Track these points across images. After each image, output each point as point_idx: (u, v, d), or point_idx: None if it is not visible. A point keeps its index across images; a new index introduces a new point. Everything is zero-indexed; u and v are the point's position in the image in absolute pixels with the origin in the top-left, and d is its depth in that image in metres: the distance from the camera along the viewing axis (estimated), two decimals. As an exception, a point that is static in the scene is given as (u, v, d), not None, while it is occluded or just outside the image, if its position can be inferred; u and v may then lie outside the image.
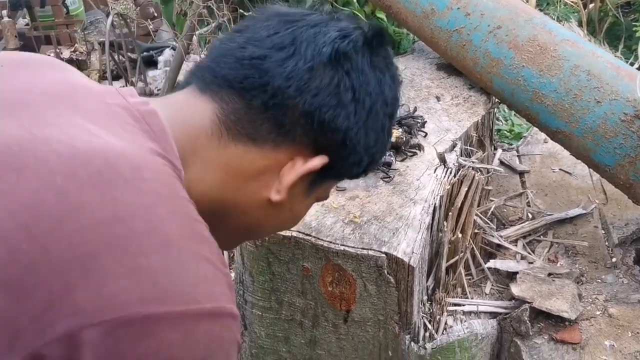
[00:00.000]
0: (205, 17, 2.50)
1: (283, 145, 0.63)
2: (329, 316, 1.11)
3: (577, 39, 1.37)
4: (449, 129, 1.42)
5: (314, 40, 0.62)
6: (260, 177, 0.64)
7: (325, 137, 0.64)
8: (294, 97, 0.61)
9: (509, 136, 2.76)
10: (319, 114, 0.62)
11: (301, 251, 1.07)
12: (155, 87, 4.04)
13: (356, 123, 0.65)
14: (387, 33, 0.69)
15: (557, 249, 1.33)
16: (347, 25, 0.65)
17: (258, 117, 0.62)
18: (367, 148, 0.68)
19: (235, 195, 0.65)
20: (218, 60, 0.64)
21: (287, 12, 0.68)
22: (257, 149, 0.63)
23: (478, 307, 1.15)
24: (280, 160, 0.64)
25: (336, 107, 0.63)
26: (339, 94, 0.63)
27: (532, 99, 1.36)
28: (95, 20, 4.02)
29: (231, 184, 0.64)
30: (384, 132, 0.69)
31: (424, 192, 1.17)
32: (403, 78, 0.75)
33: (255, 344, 1.23)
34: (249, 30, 0.66)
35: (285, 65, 0.61)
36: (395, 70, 0.70)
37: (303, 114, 0.62)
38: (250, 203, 0.66)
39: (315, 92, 0.62)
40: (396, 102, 0.71)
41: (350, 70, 0.63)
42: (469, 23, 1.51)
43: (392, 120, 0.71)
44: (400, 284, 1.02)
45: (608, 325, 1.10)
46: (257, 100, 0.61)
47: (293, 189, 0.66)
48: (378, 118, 0.67)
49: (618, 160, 1.21)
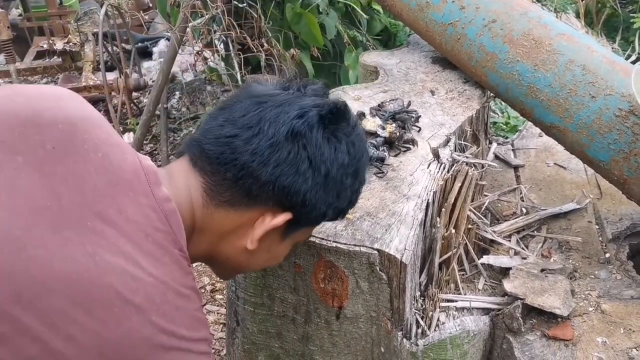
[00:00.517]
0: (199, 8, 2.48)
1: (254, 206, 0.78)
2: (321, 312, 1.11)
3: (572, 33, 1.35)
4: (443, 124, 1.41)
5: (276, 120, 0.76)
6: (238, 231, 0.81)
7: (287, 199, 0.78)
8: (257, 169, 0.75)
9: (504, 129, 2.75)
10: (279, 182, 0.76)
11: (293, 247, 1.06)
12: (150, 78, 4.02)
13: (314, 186, 0.78)
14: (343, 108, 0.82)
15: (550, 244, 1.33)
16: (308, 104, 0.78)
17: (232, 185, 0.77)
18: (328, 204, 0.81)
19: (221, 248, 0.83)
20: (204, 135, 0.79)
21: (260, 92, 0.81)
22: (234, 211, 0.79)
23: (471, 303, 1.14)
24: (253, 217, 0.80)
25: (294, 175, 0.76)
26: (296, 164, 0.76)
27: (526, 93, 1.35)
28: (89, 11, 3.98)
29: (217, 241, 0.82)
30: (346, 188, 0.83)
31: (417, 188, 1.16)
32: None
33: (247, 340, 1.23)
34: (228, 109, 0.80)
35: (251, 143, 0.75)
36: (356, 136, 0.83)
37: (266, 183, 0.76)
38: (232, 251, 0.83)
39: (275, 164, 0.75)
40: (357, 161, 0.83)
41: (307, 144, 0.76)
42: (464, 16, 1.50)
43: (356, 175, 0.84)
44: (393, 281, 1.02)
45: (601, 322, 1.10)
46: (229, 173, 0.76)
47: (266, 238, 0.81)
48: (336, 180, 0.80)
49: (612, 155, 1.21)
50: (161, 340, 0.66)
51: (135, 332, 0.64)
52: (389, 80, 1.64)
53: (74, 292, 0.61)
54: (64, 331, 0.60)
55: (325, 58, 2.76)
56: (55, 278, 0.61)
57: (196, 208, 0.78)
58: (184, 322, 0.69)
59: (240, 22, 2.51)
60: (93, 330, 0.61)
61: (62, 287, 0.61)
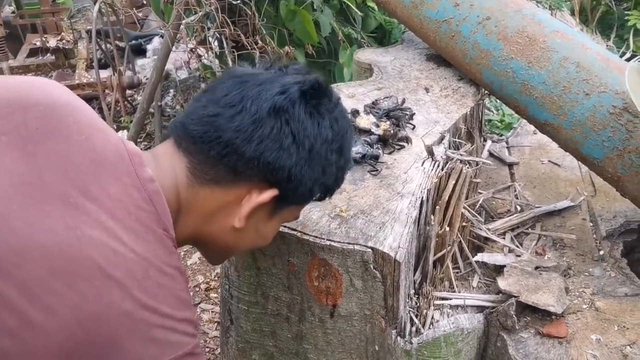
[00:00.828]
0: (193, 5, 2.46)
1: (240, 183, 0.79)
2: (315, 311, 1.10)
3: (566, 30, 1.35)
4: (437, 121, 1.41)
5: (258, 97, 0.77)
6: (224, 210, 0.80)
7: (272, 175, 0.78)
8: (242, 146, 0.75)
9: (499, 126, 2.76)
10: (264, 157, 0.76)
11: (287, 246, 1.06)
12: (144, 75, 4.00)
13: (299, 161, 0.78)
14: (324, 84, 0.83)
15: (544, 242, 1.33)
16: (289, 81, 0.79)
17: (217, 163, 0.77)
18: (314, 180, 0.82)
19: (208, 228, 0.82)
20: (188, 116, 0.80)
21: (242, 73, 0.82)
22: (220, 188, 0.79)
23: (465, 301, 1.14)
24: (240, 195, 0.80)
25: (279, 150, 0.76)
26: (280, 139, 0.76)
27: (520, 90, 1.35)
28: (82, 8, 3.96)
29: (203, 221, 0.81)
30: (331, 164, 0.83)
31: (411, 186, 1.16)
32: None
33: (241, 338, 1.22)
34: (212, 91, 0.81)
35: (234, 120, 0.76)
36: (339, 113, 0.84)
37: (251, 159, 0.76)
38: (220, 231, 0.83)
39: (259, 140, 0.75)
40: (341, 138, 0.83)
41: (289, 119, 0.77)
42: (458, 14, 1.50)
43: (341, 152, 0.84)
44: (387, 279, 1.01)
45: (595, 319, 1.10)
46: (213, 151, 0.76)
47: (253, 216, 0.81)
48: (320, 155, 0.80)
49: (606, 153, 1.21)
50: (143, 316, 0.65)
51: (116, 306, 0.63)
52: (383, 78, 1.63)
53: (54, 264, 0.61)
54: (42, 302, 0.60)
55: (319, 55, 2.75)
56: (35, 249, 0.61)
57: (181, 188, 0.78)
58: (166, 300, 0.68)
59: (234, 19, 2.50)
60: (72, 302, 0.61)
61: (42, 258, 0.61)
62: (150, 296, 0.66)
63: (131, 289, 0.64)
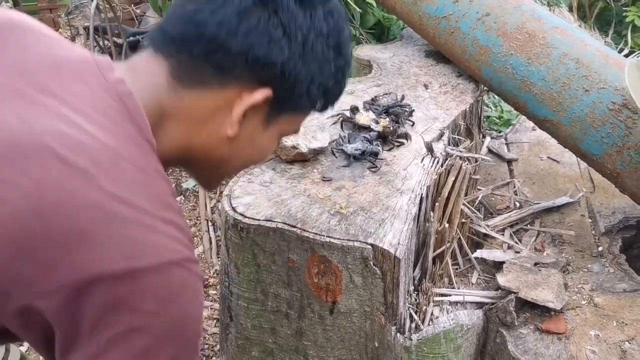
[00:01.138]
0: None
1: (228, 84, 0.71)
2: (315, 307, 1.10)
3: (566, 27, 1.35)
4: (436, 118, 1.41)
5: None
6: (215, 117, 0.73)
7: (264, 72, 0.70)
8: (227, 41, 0.68)
9: (498, 123, 2.75)
10: (252, 52, 0.69)
11: (286, 243, 1.05)
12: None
13: (292, 56, 0.71)
14: None
15: (543, 238, 1.33)
16: None
17: (201, 64, 0.70)
18: (311, 78, 0.74)
19: (198, 140, 0.74)
20: (167, 20, 0.72)
21: None
22: (207, 91, 0.71)
23: (464, 297, 1.14)
24: (230, 98, 0.72)
25: (268, 43, 0.69)
26: (268, 32, 0.69)
27: (520, 87, 1.35)
28: (80, 5, 3.94)
29: (193, 131, 0.73)
30: (328, 61, 0.75)
31: (410, 182, 1.16)
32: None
33: (241, 335, 1.23)
34: None
35: (216, 14, 0.68)
36: (334, 6, 0.75)
37: (237, 54, 0.69)
38: (212, 142, 0.75)
39: (245, 33, 0.68)
40: (338, 34, 0.75)
41: (277, 9, 0.69)
42: (458, 10, 1.49)
43: (339, 50, 0.76)
44: (386, 276, 1.01)
45: (593, 315, 1.10)
46: (196, 50, 0.69)
47: (247, 122, 0.74)
48: (316, 49, 0.73)
49: (605, 149, 1.21)
50: (115, 209, 0.58)
51: (80, 196, 0.57)
52: (382, 74, 1.63)
53: (3, 151, 0.57)
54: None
55: (318, 52, 2.74)
56: None
57: (162, 93, 0.70)
58: (143, 193, 0.61)
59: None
60: (23, 190, 0.56)
61: None
62: (122, 188, 0.59)
63: (98, 179, 0.58)
